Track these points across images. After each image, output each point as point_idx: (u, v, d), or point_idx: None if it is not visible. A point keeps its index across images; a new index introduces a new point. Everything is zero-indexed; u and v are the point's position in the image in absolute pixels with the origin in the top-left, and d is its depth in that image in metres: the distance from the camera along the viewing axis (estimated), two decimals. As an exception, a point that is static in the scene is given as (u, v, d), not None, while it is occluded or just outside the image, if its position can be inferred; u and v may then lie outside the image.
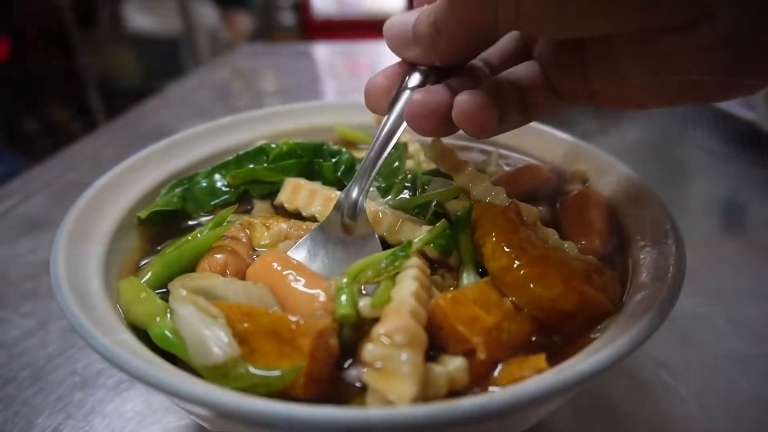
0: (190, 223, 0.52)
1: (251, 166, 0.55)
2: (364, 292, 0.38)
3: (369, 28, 3.57)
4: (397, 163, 0.54)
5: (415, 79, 0.41)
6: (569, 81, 0.39)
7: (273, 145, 0.56)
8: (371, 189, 0.46)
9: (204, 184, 0.54)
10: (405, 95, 0.41)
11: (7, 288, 0.65)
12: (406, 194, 0.50)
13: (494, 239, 0.40)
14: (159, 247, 0.48)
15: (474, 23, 0.34)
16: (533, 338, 0.37)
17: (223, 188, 0.54)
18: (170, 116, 1.27)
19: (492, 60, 0.45)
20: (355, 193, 0.43)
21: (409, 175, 0.52)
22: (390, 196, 0.50)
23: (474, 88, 0.38)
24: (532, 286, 0.37)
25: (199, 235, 0.45)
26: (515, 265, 0.37)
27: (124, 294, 0.40)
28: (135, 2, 3.01)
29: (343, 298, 0.36)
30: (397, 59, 0.43)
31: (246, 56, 1.78)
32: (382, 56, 1.73)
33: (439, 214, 0.45)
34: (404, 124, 0.41)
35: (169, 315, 0.36)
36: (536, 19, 0.31)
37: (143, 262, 0.46)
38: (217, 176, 0.54)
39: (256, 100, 1.41)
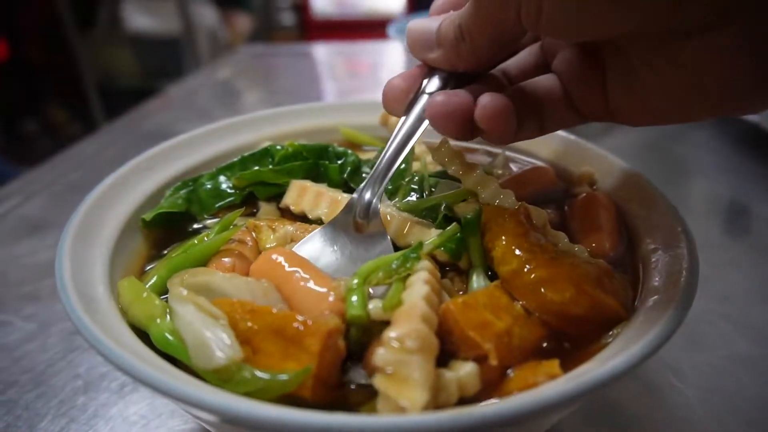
0: (195, 226, 0.51)
1: (256, 167, 0.54)
2: (372, 292, 0.37)
3: (368, 28, 3.58)
4: (403, 165, 0.53)
5: (434, 84, 0.41)
6: (587, 94, 0.39)
7: (278, 147, 0.56)
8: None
9: (209, 186, 0.53)
10: (423, 99, 0.41)
11: (8, 290, 0.64)
12: (413, 196, 0.50)
13: (504, 242, 0.39)
14: (165, 251, 0.48)
15: (498, 24, 0.34)
16: (544, 344, 0.36)
17: (228, 190, 0.53)
18: (171, 117, 1.27)
19: (511, 71, 0.45)
20: (368, 195, 0.42)
21: (416, 177, 0.51)
22: (397, 198, 0.50)
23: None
24: (542, 290, 0.36)
25: (205, 239, 0.44)
26: (526, 269, 0.37)
27: (124, 294, 0.39)
28: (134, 3, 3.00)
29: (354, 298, 0.35)
30: (416, 63, 0.42)
31: (246, 57, 1.77)
32: (382, 56, 1.73)
33: (448, 217, 0.45)
34: (421, 127, 0.41)
35: (169, 315, 0.36)
36: (559, 18, 0.31)
37: (148, 267, 0.46)
38: (222, 178, 0.54)
39: (257, 100, 1.40)
